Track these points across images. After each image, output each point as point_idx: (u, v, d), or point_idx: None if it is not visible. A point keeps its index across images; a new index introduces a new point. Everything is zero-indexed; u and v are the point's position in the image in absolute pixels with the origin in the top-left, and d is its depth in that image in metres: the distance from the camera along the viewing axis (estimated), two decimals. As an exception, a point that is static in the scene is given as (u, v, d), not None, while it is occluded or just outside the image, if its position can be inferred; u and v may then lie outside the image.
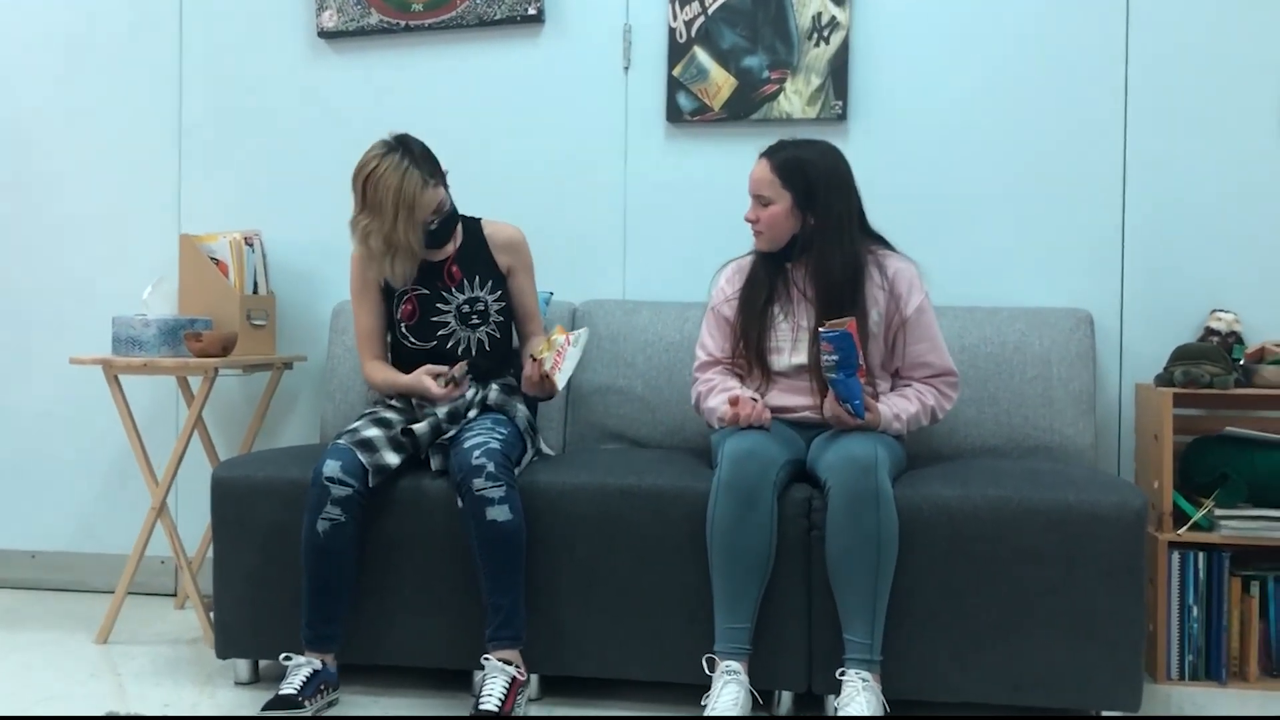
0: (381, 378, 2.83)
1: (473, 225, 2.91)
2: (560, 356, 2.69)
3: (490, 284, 2.85)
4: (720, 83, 3.28)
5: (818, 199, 2.62)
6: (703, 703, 2.38)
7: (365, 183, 2.69)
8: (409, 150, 2.70)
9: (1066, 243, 3.17)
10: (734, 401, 2.55)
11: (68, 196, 3.69)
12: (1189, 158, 3.12)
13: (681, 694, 2.62)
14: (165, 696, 2.64)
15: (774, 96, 3.25)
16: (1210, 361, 2.86)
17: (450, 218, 2.80)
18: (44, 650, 3.01)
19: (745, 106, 3.27)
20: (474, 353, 2.83)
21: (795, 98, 3.24)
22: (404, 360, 2.87)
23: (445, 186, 2.78)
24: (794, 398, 2.67)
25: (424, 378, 2.72)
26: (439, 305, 2.81)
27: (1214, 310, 3.06)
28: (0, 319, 3.72)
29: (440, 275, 2.83)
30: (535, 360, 2.68)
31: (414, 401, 2.78)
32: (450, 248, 2.86)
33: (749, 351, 2.70)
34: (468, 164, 3.32)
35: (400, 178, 2.66)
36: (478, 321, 2.82)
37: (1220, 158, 3.11)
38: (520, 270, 2.91)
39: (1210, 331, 3.02)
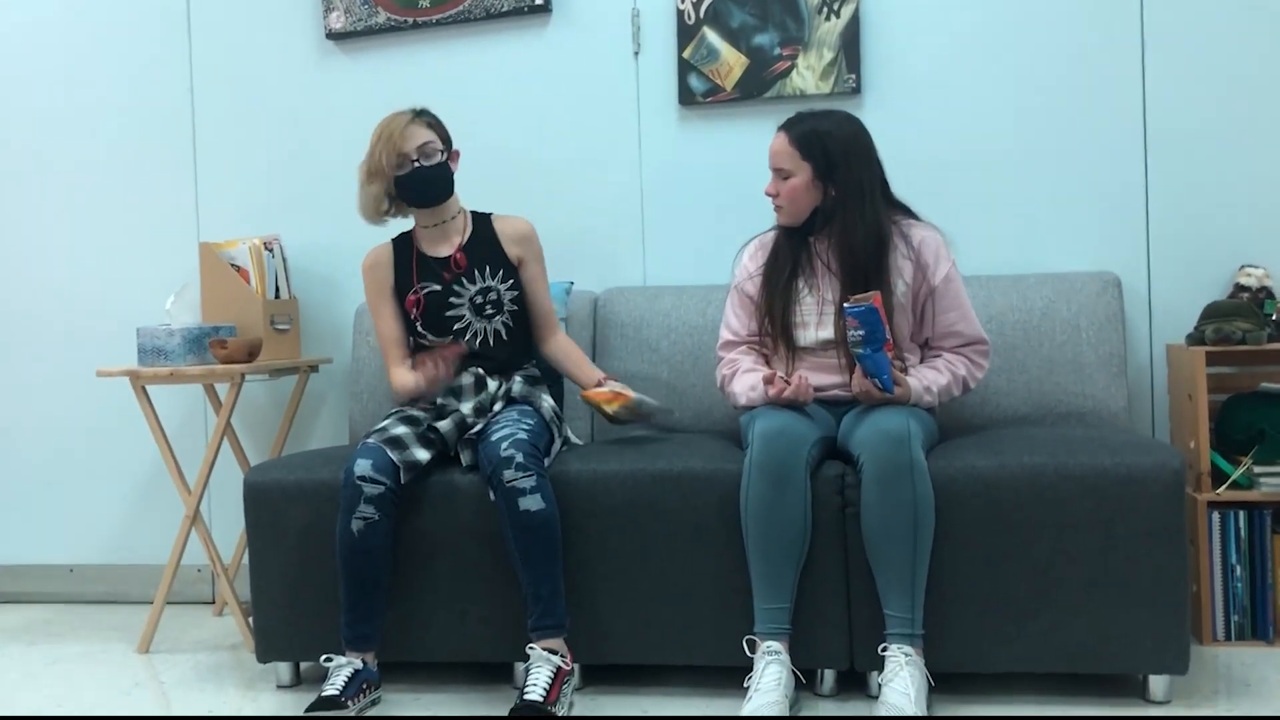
0: (399, 384, 2.82)
1: (483, 220, 2.91)
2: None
3: (502, 273, 2.84)
4: (731, 62, 3.26)
5: (838, 169, 2.60)
6: (745, 684, 2.37)
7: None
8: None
9: (1090, 205, 3.14)
10: (769, 380, 2.53)
11: (85, 209, 3.71)
12: (1211, 112, 3.08)
13: (723, 677, 2.61)
14: (209, 703, 2.66)
15: (786, 74, 3.23)
16: (1242, 318, 2.83)
17: (441, 171, 2.81)
18: (87, 661, 3.03)
19: (758, 85, 3.25)
20: (491, 343, 2.83)
21: (808, 73, 3.22)
22: None
23: (447, 146, 2.84)
24: (822, 376, 2.65)
25: (405, 376, 2.76)
26: (452, 299, 2.81)
27: (1243, 266, 3.02)
28: (26, 333, 3.75)
29: (447, 267, 2.83)
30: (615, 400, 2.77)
31: (438, 400, 2.78)
32: (457, 240, 2.86)
33: (774, 327, 2.68)
34: (481, 157, 3.32)
35: (389, 116, 2.80)
36: (492, 312, 2.82)
37: (1243, 111, 3.06)
38: (531, 260, 2.89)
39: (1240, 288, 2.98)
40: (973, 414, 2.93)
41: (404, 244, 2.89)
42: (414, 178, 2.78)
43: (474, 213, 2.93)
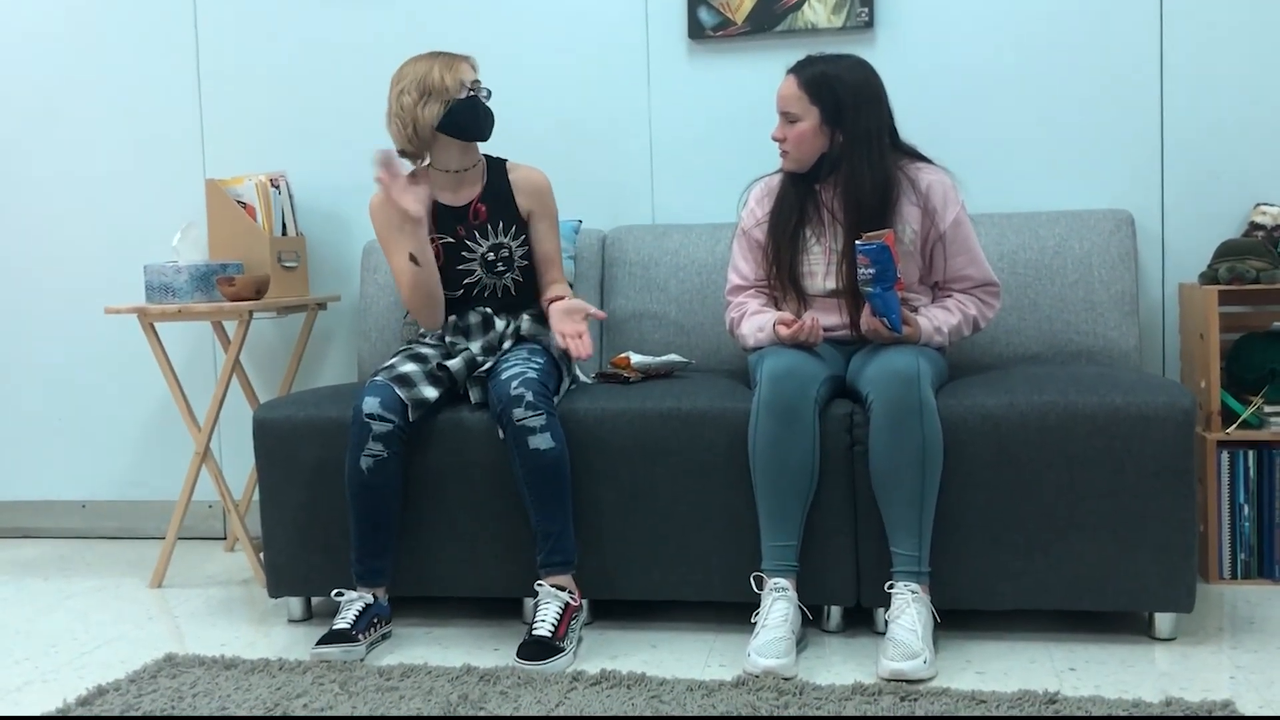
0: (408, 277, 2.73)
1: (498, 166, 2.87)
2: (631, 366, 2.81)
3: (514, 229, 2.81)
4: (742, -5, 3.21)
5: (846, 114, 2.56)
6: (752, 620, 2.39)
7: (401, 67, 2.76)
8: None
9: (1104, 143, 3.10)
10: (787, 323, 2.53)
11: (91, 147, 3.68)
12: (1227, 49, 3.03)
13: (731, 613, 2.63)
14: (221, 636, 2.69)
15: (798, 6, 3.18)
16: (1256, 256, 2.81)
17: (491, 113, 2.78)
18: (100, 596, 3.06)
19: (768, 19, 3.20)
20: (500, 297, 2.81)
21: (820, 7, 3.17)
22: None
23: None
24: (831, 316, 2.64)
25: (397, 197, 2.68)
26: (464, 254, 2.79)
27: (1258, 204, 2.99)
28: (33, 272, 3.74)
29: (465, 218, 2.80)
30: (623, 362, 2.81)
31: (447, 338, 2.77)
32: (473, 189, 2.82)
33: (782, 277, 2.67)
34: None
35: (425, 54, 2.76)
36: (503, 269, 2.79)
37: (1260, 48, 3.01)
38: (540, 216, 2.84)
39: (1255, 226, 2.95)
40: (983, 352, 2.92)
41: None
42: (473, 105, 2.74)
43: (488, 158, 2.88)
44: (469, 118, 2.74)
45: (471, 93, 2.74)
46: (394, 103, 2.72)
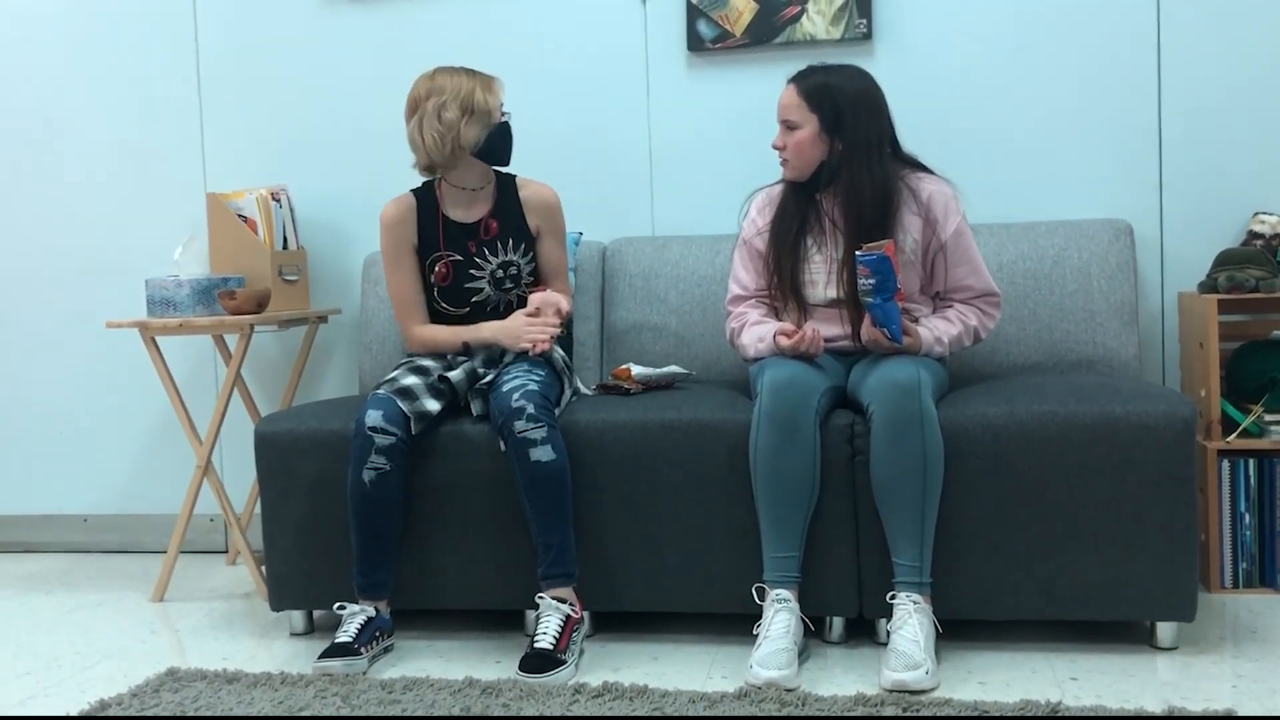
0: (433, 336, 2.77)
1: (507, 181, 2.86)
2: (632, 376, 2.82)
3: (523, 247, 2.82)
4: (741, 8, 3.22)
5: (846, 122, 2.57)
6: (754, 631, 2.39)
7: (434, 76, 2.73)
8: None
9: (1103, 152, 3.11)
10: (788, 334, 2.53)
11: (92, 162, 3.69)
12: (1225, 58, 3.04)
13: (733, 624, 2.63)
14: (223, 650, 2.69)
15: (796, 19, 3.19)
16: (1255, 265, 2.81)
17: (505, 134, 2.79)
18: (102, 610, 3.06)
19: (767, 31, 3.21)
20: (503, 312, 2.80)
21: (818, 19, 3.18)
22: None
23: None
24: (832, 327, 2.65)
25: (520, 317, 2.68)
26: (473, 272, 2.79)
27: (1257, 213, 2.99)
28: (35, 287, 3.75)
29: (475, 234, 2.80)
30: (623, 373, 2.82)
31: (448, 354, 2.77)
32: (483, 206, 2.82)
33: (783, 286, 2.67)
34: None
35: (455, 69, 2.75)
36: (510, 285, 2.80)
37: (1257, 55, 3.02)
38: (549, 234, 2.85)
39: (1254, 235, 2.96)
40: (983, 362, 2.93)
41: (427, 202, 2.83)
42: (507, 131, 2.78)
43: (498, 174, 2.87)
44: (503, 145, 2.77)
45: (503, 117, 2.76)
46: (432, 115, 2.68)
